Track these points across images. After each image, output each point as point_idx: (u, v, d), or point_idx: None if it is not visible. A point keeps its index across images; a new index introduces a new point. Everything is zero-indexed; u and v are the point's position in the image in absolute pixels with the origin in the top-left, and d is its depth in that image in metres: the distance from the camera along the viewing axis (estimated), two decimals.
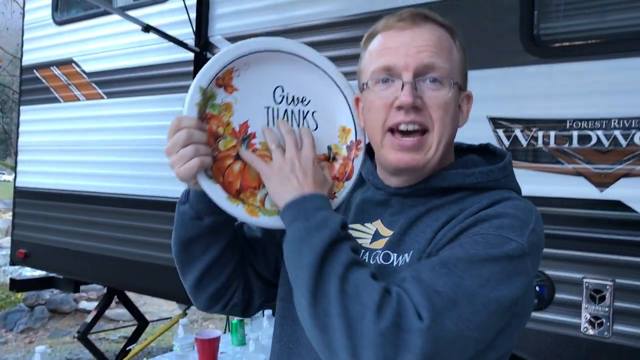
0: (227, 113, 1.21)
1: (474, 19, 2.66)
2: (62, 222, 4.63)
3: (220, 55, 1.20)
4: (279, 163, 1.15)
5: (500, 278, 0.99)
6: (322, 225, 1.03)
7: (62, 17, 4.82)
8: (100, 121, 4.41)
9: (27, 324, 7.51)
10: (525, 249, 1.03)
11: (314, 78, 1.27)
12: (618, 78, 2.39)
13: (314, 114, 1.28)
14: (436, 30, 1.16)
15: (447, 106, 1.14)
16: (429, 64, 1.13)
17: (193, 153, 1.12)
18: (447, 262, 0.99)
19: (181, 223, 1.27)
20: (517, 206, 1.10)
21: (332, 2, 3.25)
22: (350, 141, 1.29)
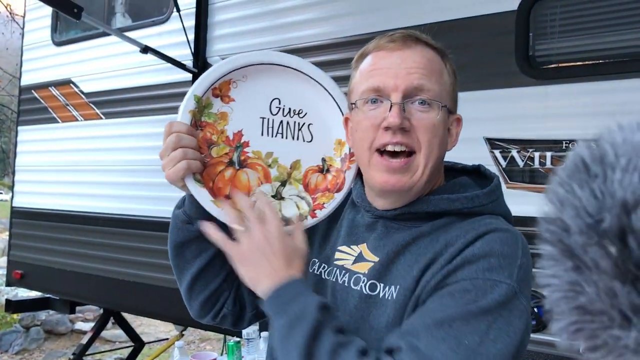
0: (223, 122, 1.26)
1: (470, 40, 2.68)
2: (59, 243, 4.61)
3: (217, 66, 1.25)
4: (248, 247, 1.13)
5: (498, 327, 0.98)
6: (300, 317, 1.02)
7: (61, 38, 4.85)
8: (98, 141, 4.41)
9: (23, 345, 7.45)
10: (516, 289, 1.02)
11: (311, 91, 1.30)
12: (613, 99, 2.40)
13: (309, 126, 1.31)
14: (427, 52, 1.16)
15: (435, 129, 1.14)
16: (418, 86, 1.13)
17: (181, 156, 1.16)
18: (442, 324, 0.98)
19: (174, 226, 1.30)
20: (502, 240, 1.07)
21: (330, 23, 3.28)
22: (345, 154, 1.31)
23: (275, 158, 1.29)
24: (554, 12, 2.60)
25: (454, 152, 1.27)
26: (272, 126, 1.28)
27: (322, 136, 1.31)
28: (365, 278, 1.15)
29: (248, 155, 1.27)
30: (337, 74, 3.28)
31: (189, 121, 1.22)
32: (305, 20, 3.40)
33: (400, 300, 1.09)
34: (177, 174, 1.17)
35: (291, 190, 1.30)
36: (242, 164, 1.27)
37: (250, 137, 1.27)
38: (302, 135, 1.30)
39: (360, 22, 3.13)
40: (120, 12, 4.50)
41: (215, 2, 3.83)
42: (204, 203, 1.21)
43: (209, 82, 1.24)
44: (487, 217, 1.16)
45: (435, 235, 1.14)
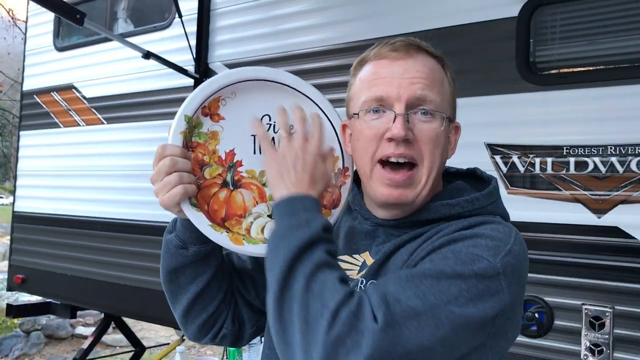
0: (214, 141, 1.23)
1: (471, 46, 2.69)
2: (60, 248, 4.61)
3: (206, 84, 1.22)
4: (282, 152, 1.15)
5: (469, 297, 0.96)
6: (303, 224, 1.03)
7: (63, 44, 4.87)
8: (100, 146, 4.42)
9: (23, 349, 7.44)
10: (498, 269, 1.00)
11: (301, 107, 1.27)
12: (614, 105, 2.41)
13: None
14: (428, 61, 1.16)
15: (438, 139, 1.14)
16: (421, 96, 1.12)
17: (177, 181, 1.13)
18: (414, 277, 0.98)
19: (167, 252, 1.27)
20: (495, 229, 1.08)
21: (331, 30, 3.29)
22: (338, 169, 1.29)
23: None
24: (555, 18, 2.61)
25: (455, 157, 1.27)
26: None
27: None
28: (364, 279, 1.16)
29: (242, 175, 1.25)
30: (338, 80, 3.31)
31: (181, 143, 1.19)
32: (306, 26, 3.41)
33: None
34: (173, 200, 1.14)
35: None
36: (237, 184, 1.25)
37: (243, 155, 1.24)
38: None
39: (361, 29, 3.14)
40: (122, 18, 4.52)
41: (217, 8, 3.85)
42: (202, 228, 1.18)
43: (199, 100, 1.21)
44: (485, 216, 1.16)
45: (432, 232, 1.15)
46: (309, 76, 3.32)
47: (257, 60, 3.56)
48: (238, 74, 1.23)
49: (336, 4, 3.31)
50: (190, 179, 1.16)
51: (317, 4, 3.38)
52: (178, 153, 1.16)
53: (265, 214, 1.26)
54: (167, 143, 1.17)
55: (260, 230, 1.24)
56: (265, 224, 1.25)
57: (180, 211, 1.17)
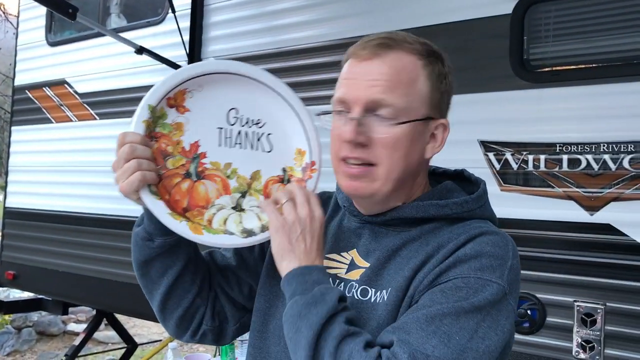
0: (178, 132, 1.22)
1: (465, 44, 2.69)
2: (52, 244, 4.59)
3: (171, 75, 1.21)
4: (292, 220, 1.14)
5: (487, 325, 1.00)
6: (320, 300, 1.03)
7: (55, 39, 4.84)
8: (92, 142, 4.39)
9: (14, 346, 7.40)
10: (506, 289, 1.04)
11: (269, 101, 1.28)
12: (607, 103, 2.42)
13: (269, 136, 1.29)
14: (399, 60, 1.13)
15: (397, 143, 1.12)
16: (378, 100, 1.11)
17: (135, 167, 1.13)
18: (434, 319, 0.99)
19: (135, 244, 1.28)
20: (493, 242, 1.09)
21: (325, 25, 3.28)
22: (306, 163, 1.29)
23: (235, 169, 1.27)
24: (549, 15, 2.61)
25: (449, 154, 1.27)
26: (230, 136, 1.26)
27: (281, 146, 1.29)
28: (356, 284, 1.16)
29: (206, 167, 1.24)
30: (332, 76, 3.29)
31: (143, 131, 1.18)
32: (300, 22, 3.40)
33: (392, 301, 1.09)
34: (132, 186, 1.13)
35: (252, 201, 1.27)
36: (200, 175, 1.24)
37: (208, 147, 1.24)
38: (261, 146, 1.28)
39: (355, 25, 3.13)
40: (115, 13, 4.49)
41: (211, 4, 3.83)
42: (161, 216, 1.17)
43: (163, 91, 1.20)
44: (475, 221, 1.17)
45: (425, 239, 1.15)
46: (304, 72, 3.32)
47: (252, 56, 3.55)
48: (204, 67, 1.23)
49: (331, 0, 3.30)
50: (150, 166, 1.15)
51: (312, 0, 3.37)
52: (138, 140, 1.15)
53: (229, 206, 1.25)
54: (127, 131, 1.17)
55: (222, 222, 1.23)
56: (228, 216, 1.24)
57: (139, 199, 1.16)
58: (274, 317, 1.24)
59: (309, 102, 3.46)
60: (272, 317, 1.24)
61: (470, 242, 1.09)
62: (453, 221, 1.17)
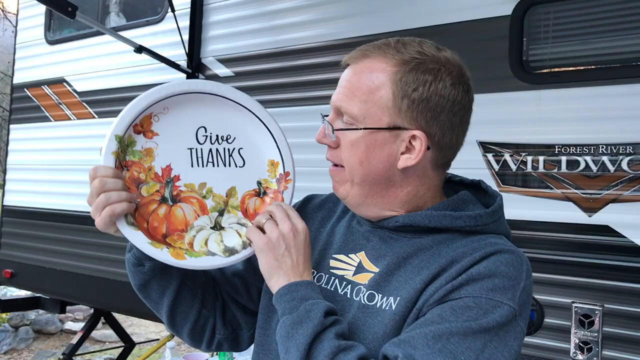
0: (149, 158, 1.21)
1: (464, 45, 2.68)
2: (50, 242, 4.59)
3: (135, 102, 1.20)
4: (275, 236, 1.15)
5: (494, 346, 0.99)
6: (305, 318, 1.04)
7: (54, 37, 4.83)
8: (91, 141, 4.38)
9: (12, 344, 7.39)
10: (517, 311, 1.03)
11: (236, 115, 1.27)
12: (606, 104, 2.42)
13: (240, 150, 1.28)
14: (367, 68, 1.13)
15: (354, 148, 1.14)
16: (339, 106, 1.16)
17: (105, 202, 1.11)
18: (441, 337, 0.98)
19: (129, 271, 1.29)
20: (508, 262, 1.07)
21: (325, 26, 3.28)
22: (280, 174, 1.29)
23: (210, 188, 1.26)
24: (548, 17, 2.61)
25: None
26: (202, 156, 1.25)
27: (253, 159, 1.29)
28: (364, 289, 1.15)
29: (180, 190, 1.23)
30: (331, 77, 3.30)
31: (113, 163, 1.16)
32: (300, 22, 3.40)
33: (401, 311, 1.08)
34: (104, 221, 1.12)
35: (230, 218, 1.27)
36: (176, 199, 1.22)
37: (180, 170, 1.23)
38: (233, 161, 1.28)
39: (355, 25, 3.13)
40: (114, 12, 4.49)
41: (210, 3, 3.83)
42: (141, 246, 1.16)
43: (129, 119, 1.19)
44: (490, 236, 1.15)
45: (437, 249, 1.13)
46: (303, 72, 3.32)
47: (252, 56, 3.56)
48: (167, 89, 1.21)
49: (329, 0, 3.30)
50: (120, 197, 1.13)
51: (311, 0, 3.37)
52: (109, 174, 1.14)
53: (208, 226, 1.25)
54: (98, 165, 1.16)
55: (203, 243, 1.23)
56: (209, 237, 1.24)
57: (117, 231, 1.15)
58: (277, 315, 1.24)
59: (308, 102, 3.49)
60: (275, 314, 1.23)
61: (485, 260, 1.07)
62: (467, 233, 1.16)
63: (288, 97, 3.35)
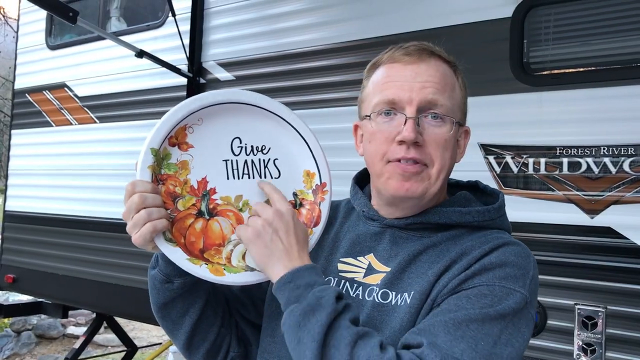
0: (184, 171, 1.19)
1: (465, 47, 2.69)
2: (51, 247, 4.59)
3: (170, 114, 1.17)
4: (261, 224, 1.12)
5: (510, 332, 1.02)
6: (316, 306, 1.01)
7: (55, 42, 4.84)
8: (92, 145, 4.40)
9: (14, 349, 7.39)
10: (528, 298, 1.06)
11: (271, 125, 1.24)
12: (607, 106, 2.42)
13: (275, 161, 1.25)
14: (440, 66, 1.17)
15: (447, 143, 1.15)
16: (432, 100, 1.13)
17: (145, 218, 1.09)
18: (460, 324, 0.99)
19: (153, 288, 1.25)
20: (517, 253, 1.11)
21: (324, 29, 3.28)
22: (316, 185, 1.26)
23: (246, 200, 1.22)
24: (548, 19, 2.62)
25: None
26: (237, 168, 1.22)
27: (289, 170, 1.26)
28: (377, 288, 1.15)
29: (217, 203, 1.20)
30: (332, 80, 3.30)
31: (150, 177, 1.14)
32: (299, 25, 3.41)
33: (416, 304, 1.09)
34: (145, 238, 1.10)
35: None
36: (212, 212, 1.20)
37: (216, 182, 1.20)
38: (269, 172, 1.24)
39: (355, 28, 3.14)
40: (115, 17, 4.50)
41: (211, 7, 3.84)
42: (180, 263, 1.14)
43: (165, 131, 1.16)
44: (495, 231, 1.19)
45: (446, 245, 1.16)
46: (304, 75, 3.32)
47: (252, 60, 3.56)
48: (202, 100, 1.19)
49: (330, 3, 3.31)
50: (160, 214, 1.11)
51: (311, 3, 3.38)
52: (148, 189, 1.12)
53: None
54: (136, 179, 1.13)
55: (241, 258, 1.20)
56: (246, 251, 1.20)
57: (155, 247, 1.13)
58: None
59: (308, 105, 3.48)
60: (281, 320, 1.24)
61: (495, 251, 1.10)
62: (473, 229, 1.18)
63: (289, 100, 3.36)
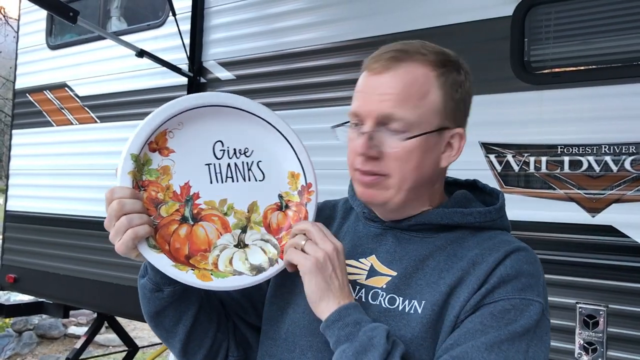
0: (166, 177, 1.16)
1: (465, 45, 2.69)
2: (53, 247, 4.59)
3: (149, 118, 1.15)
4: (323, 257, 1.09)
5: (535, 344, 1.03)
6: (369, 346, 1.01)
7: (56, 42, 4.84)
8: (93, 145, 4.40)
9: (15, 349, 7.40)
10: (544, 305, 1.07)
11: (253, 127, 1.22)
12: (608, 104, 2.42)
13: (259, 163, 1.23)
14: (410, 73, 1.12)
15: (408, 156, 1.11)
16: (389, 115, 1.10)
17: (126, 225, 1.07)
18: (493, 346, 1.00)
19: (143, 297, 1.23)
20: (528, 260, 1.11)
21: (325, 28, 3.28)
22: (301, 186, 1.24)
23: (231, 204, 1.21)
24: (549, 17, 2.61)
25: None
26: (220, 171, 1.20)
27: (273, 172, 1.24)
28: (384, 292, 1.14)
29: (201, 208, 1.18)
30: (332, 79, 3.29)
31: (131, 183, 1.12)
32: (300, 24, 3.40)
33: (428, 314, 1.08)
34: (127, 245, 1.08)
35: (253, 235, 1.22)
36: (196, 217, 1.18)
37: (200, 187, 1.18)
38: (253, 175, 1.23)
39: (355, 27, 3.14)
40: (115, 16, 4.50)
41: (211, 6, 3.84)
42: (165, 269, 1.11)
43: (144, 137, 1.14)
44: (498, 232, 1.19)
45: (452, 249, 1.15)
46: (304, 75, 3.32)
47: (253, 59, 3.56)
48: (181, 104, 1.17)
49: (330, 2, 3.31)
50: (142, 219, 1.09)
51: (311, 2, 3.37)
52: (127, 195, 1.10)
53: (232, 244, 1.20)
54: (114, 186, 1.11)
55: (228, 263, 1.18)
56: (233, 255, 1.19)
57: (139, 255, 1.11)
58: (286, 324, 1.22)
59: (309, 104, 3.48)
60: (283, 324, 1.22)
61: (507, 259, 1.10)
62: (475, 230, 1.18)
63: (289, 99, 3.36)
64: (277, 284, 1.29)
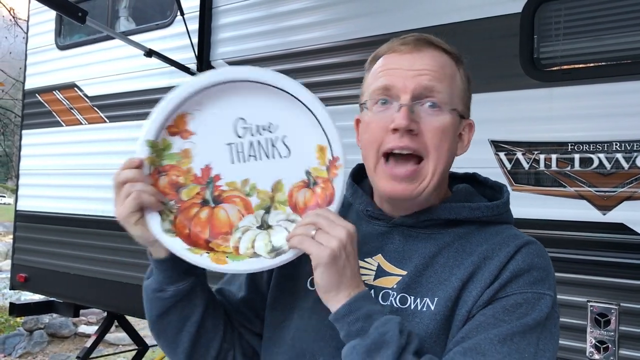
0: (187, 160, 1.13)
1: (475, 43, 2.68)
2: (63, 246, 4.62)
3: (164, 103, 1.11)
4: (336, 246, 1.02)
5: (545, 337, 1.04)
6: (381, 343, 0.98)
7: (65, 42, 4.86)
8: (102, 145, 4.42)
9: (26, 348, 7.45)
10: (554, 298, 1.08)
11: (274, 100, 1.13)
12: (618, 101, 2.40)
13: (284, 139, 1.15)
14: (439, 56, 1.14)
15: (445, 133, 1.10)
16: (428, 87, 1.09)
17: (129, 189, 1.07)
18: (505, 339, 1.01)
19: (146, 299, 1.20)
20: (538, 254, 1.11)
21: (333, 26, 3.28)
22: (329, 159, 1.13)
23: (253, 184, 1.14)
24: (559, 14, 2.60)
25: None
26: (242, 150, 1.14)
27: (299, 147, 1.14)
28: (394, 292, 1.12)
29: (222, 189, 1.13)
30: (341, 77, 3.29)
31: (148, 170, 1.10)
32: (308, 23, 3.40)
33: (441, 311, 1.07)
34: (129, 206, 1.07)
35: (278, 215, 1.14)
36: (217, 200, 1.13)
37: (220, 168, 1.13)
38: (277, 152, 1.14)
39: (364, 26, 3.13)
40: (124, 16, 4.51)
41: (219, 6, 3.84)
42: (179, 252, 1.08)
43: (160, 122, 1.11)
44: (505, 227, 1.18)
45: (460, 244, 1.13)
46: (312, 73, 3.31)
47: (261, 58, 3.56)
48: (196, 84, 1.12)
49: (338, 0, 3.30)
50: (145, 188, 1.08)
51: (319, 1, 3.37)
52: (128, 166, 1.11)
53: (255, 226, 1.14)
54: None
55: (250, 245, 1.12)
56: (255, 237, 1.13)
57: (155, 241, 1.10)
58: (291, 330, 1.19)
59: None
60: (287, 329, 1.19)
61: (518, 253, 1.09)
62: (482, 225, 1.16)
63: None
64: (279, 289, 1.26)
